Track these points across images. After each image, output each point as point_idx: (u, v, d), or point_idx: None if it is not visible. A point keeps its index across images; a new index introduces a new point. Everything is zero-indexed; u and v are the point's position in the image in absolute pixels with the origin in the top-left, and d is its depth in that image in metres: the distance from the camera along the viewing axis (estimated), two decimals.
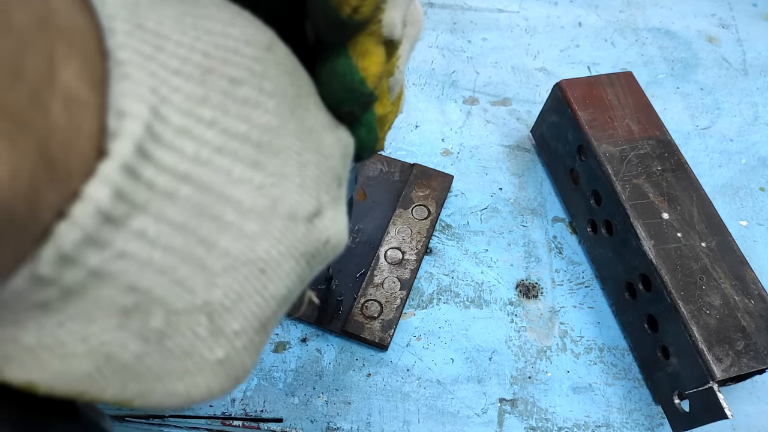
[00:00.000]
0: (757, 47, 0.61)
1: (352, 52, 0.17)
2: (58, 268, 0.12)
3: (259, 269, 0.15)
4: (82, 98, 0.11)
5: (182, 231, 0.13)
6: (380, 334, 0.39)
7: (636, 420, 0.38)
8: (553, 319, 0.42)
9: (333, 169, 0.17)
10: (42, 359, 0.13)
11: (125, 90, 0.12)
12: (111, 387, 0.14)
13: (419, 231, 0.44)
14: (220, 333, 0.14)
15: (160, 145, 0.12)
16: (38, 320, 0.12)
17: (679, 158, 0.42)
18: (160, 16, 0.13)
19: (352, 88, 0.17)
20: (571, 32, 0.61)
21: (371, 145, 0.20)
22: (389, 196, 0.46)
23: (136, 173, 0.12)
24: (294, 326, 0.40)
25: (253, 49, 0.15)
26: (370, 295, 0.40)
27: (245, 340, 0.15)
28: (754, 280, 0.37)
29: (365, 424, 0.37)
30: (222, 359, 0.15)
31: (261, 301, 0.15)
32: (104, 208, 0.12)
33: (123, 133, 0.12)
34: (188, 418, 0.36)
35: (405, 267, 0.42)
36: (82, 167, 0.12)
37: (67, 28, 0.11)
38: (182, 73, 0.13)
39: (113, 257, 0.12)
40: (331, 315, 0.40)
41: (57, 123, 0.11)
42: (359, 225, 0.44)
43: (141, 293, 0.13)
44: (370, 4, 0.16)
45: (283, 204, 0.15)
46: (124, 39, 0.12)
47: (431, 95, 0.54)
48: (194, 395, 0.15)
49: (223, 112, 0.14)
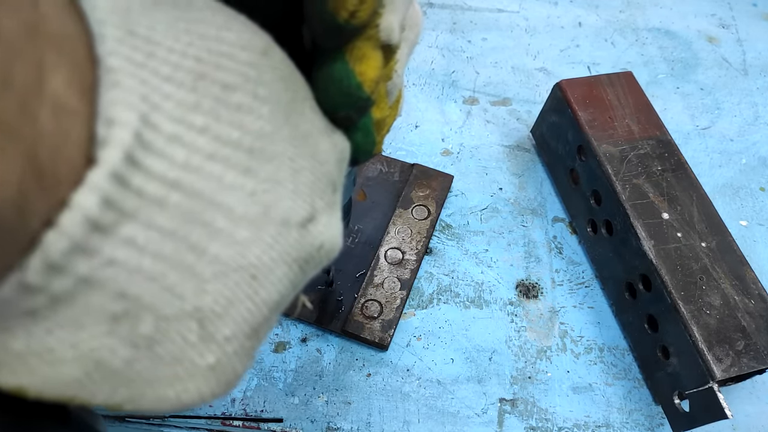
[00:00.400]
0: (757, 47, 0.61)
1: (349, 57, 0.17)
2: (46, 277, 0.12)
3: (250, 275, 0.15)
4: (71, 106, 0.11)
5: (172, 238, 0.13)
6: (380, 334, 0.39)
7: (636, 420, 0.38)
8: (553, 319, 0.42)
9: (328, 175, 0.17)
10: (31, 365, 0.13)
11: (115, 98, 0.12)
12: (101, 392, 0.14)
13: (419, 231, 0.44)
14: (210, 339, 0.14)
15: (150, 152, 0.12)
16: (27, 327, 0.13)
17: (679, 158, 0.42)
18: (152, 21, 0.13)
19: (348, 93, 0.17)
20: (571, 32, 0.61)
21: (368, 149, 0.20)
22: (389, 197, 0.46)
23: (125, 181, 0.12)
24: (294, 326, 0.40)
25: (249, 54, 0.15)
26: (370, 295, 0.40)
27: (236, 346, 0.15)
28: (754, 280, 0.37)
29: (365, 424, 0.37)
30: (213, 365, 0.15)
31: (252, 307, 0.15)
32: (92, 216, 0.12)
33: (112, 141, 0.12)
34: (188, 418, 0.36)
35: (405, 267, 0.42)
36: (70, 175, 0.12)
37: (56, 35, 0.11)
38: (174, 80, 0.13)
39: (102, 265, 0.12)
40: (331, 315, 0.40)
41: (45, 131, 0.11)
42: (359, 225, 0.44)
43: (130, 300, 0.13)
44: (367, 8, 0.16)
45: (276, 210, 0.15)
46: (114, 46, 0.12)
47: (431, 95, 0.54)
48: (185, 400, 0.15)
49: (215, 119, 0.14)
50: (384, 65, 0.18)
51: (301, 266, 0.16)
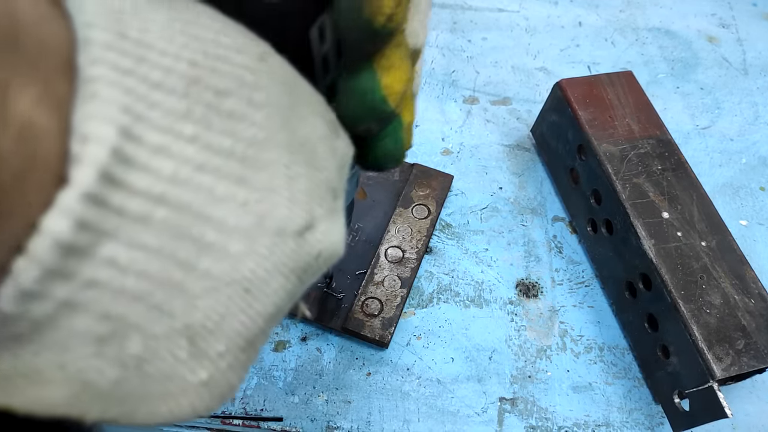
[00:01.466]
0: (757, 47, 0.61)
1: (377, 66, 0.16)
2: (21, 304, 0.11)
3: (243, 289, 0.14)
4: (39, 125, 0.11)
5: (158, 255, 0.13)
6: (380, 332, 0.39)
7: (636, 419, 0.38)
8: (553, 318, 0.42)
9: (327, 182, 0.16)
10: (19, 386, 0.13)
11: (91, 111, 0.11)
12: (92, 410, 0.14)
13: (419, 230, 0.44)
14: (202, 355, 0.14)
15: (132, 168, 0.12)
16: (12, 350, 0.12)
17: (679, 157, 0.42)
18: (145, 21, 0.13)
19: (372, 107, 0.17)
20: (571, 32, 0.61)
21: (397, 155, 0.19)
22: (389, 196, 0.46)
23: (101, 200, 0.11)
24: (294, 325, 0.40)
25: (245, 58, 0.14)
26: (371, 293, 0.40)
27: (230, 360, 0.14)
28: (754, 279, 0.37)
29: (365, 423, 0.37)
30: (206, 380, 0.14)
31: (247, 320, 0.14)
32: (64, 240, 0.11)
33: (85, 159, 0.11)
34: None
35: (405, 265, 0.42)
36: (40, 198, 0.11)
37: (32, 45, 0.11)
38: (164, 86, 0.12)
39: (82, 287, 0.12)
40: (331, 313, 0.40)
41: (7, 154, 0.10)
42: (359, 224, 0.44)
43: (115, 320, 0.13)
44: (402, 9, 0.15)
45: (271, 220, 0.14)
46: (99, 52, 0.12)
47: (431, 95, 0.54)
48: (179, 415, 0.14)
49: (206, 127, 0.13)
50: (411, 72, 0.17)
51: (299, 276, 0.15)
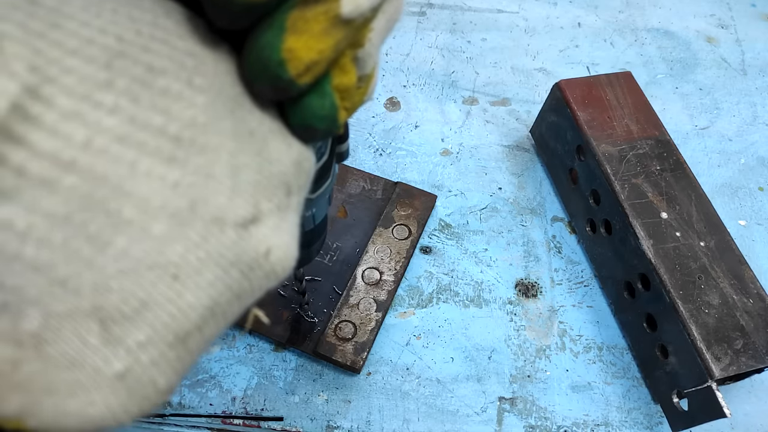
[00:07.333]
0: (755, 47, 0.62)
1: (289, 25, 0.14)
2: None
3: (170, 275, 0.13)
4: None
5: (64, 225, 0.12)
6: (352, 357, 0.37)
7: (635, 419, 0.39)
8: (552, 318, 0.42)
9: (279, 176, 0.16)
10: None
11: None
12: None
13: (399, 251, 0.42)
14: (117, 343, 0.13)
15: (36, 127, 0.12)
16: None
17: (677, 158, 0.42)
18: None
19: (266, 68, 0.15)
20: (570, 32, 0.61)
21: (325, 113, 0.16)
22: (370, 214, 0.45)
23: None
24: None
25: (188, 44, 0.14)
26: (345, 315, 0.39)
27: (154, 354, 0.13)
28: (752, 279, 0.37)
29: (365, 423, 0.37)
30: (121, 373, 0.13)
31: (175, 311, 0.13)
32: None
33: None
34: (189, 417, 0.37)
35: (382, 288, 0.41)
36: None
37: None
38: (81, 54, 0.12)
39: None
40: (303, 335, 0.38)
41: None
42: (338, 243, 0.43)
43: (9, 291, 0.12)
44: None
45: (206, 206, 0.14)
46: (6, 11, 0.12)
47: (431, 95, 0.54)
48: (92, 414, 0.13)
49: (132, 100, 0.13)
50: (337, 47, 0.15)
51: (242, 271, 0.14)
